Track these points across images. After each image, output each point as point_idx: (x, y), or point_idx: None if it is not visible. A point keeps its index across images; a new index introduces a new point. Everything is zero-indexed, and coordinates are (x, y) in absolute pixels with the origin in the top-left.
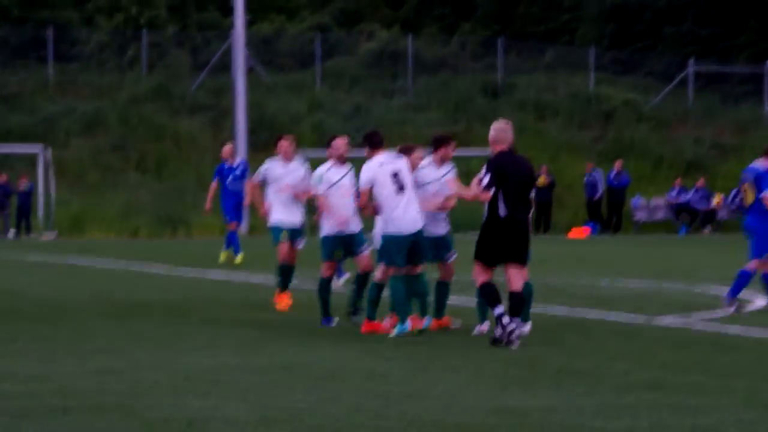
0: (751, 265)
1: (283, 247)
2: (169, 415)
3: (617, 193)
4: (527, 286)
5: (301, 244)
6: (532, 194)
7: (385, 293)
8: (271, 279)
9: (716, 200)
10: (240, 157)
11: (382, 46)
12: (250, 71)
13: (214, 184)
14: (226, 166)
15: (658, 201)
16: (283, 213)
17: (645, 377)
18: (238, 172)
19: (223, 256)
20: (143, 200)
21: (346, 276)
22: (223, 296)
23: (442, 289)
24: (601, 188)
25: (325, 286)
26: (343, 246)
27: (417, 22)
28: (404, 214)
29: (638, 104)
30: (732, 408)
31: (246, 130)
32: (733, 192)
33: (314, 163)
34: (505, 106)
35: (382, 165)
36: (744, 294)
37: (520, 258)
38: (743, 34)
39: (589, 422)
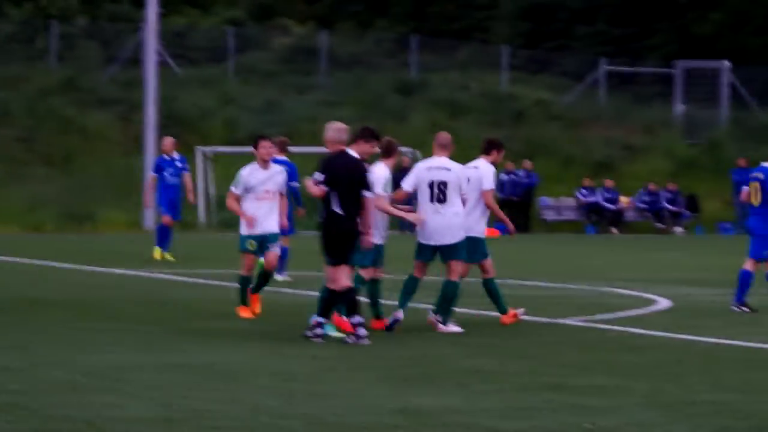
0: (748, 264)
1: (248, 258)
2: (69, 414)
3: (527, 192)
4: (452, 285)
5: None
6: (369, 194)
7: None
8: (180, 277)
9: (625, 201)
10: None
11: (296, 41)
12: (161, 65)
13: (152, 178)
14: (166, 160)
15: (567, 201)
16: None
17: (547, 377)
18: (177, 166)
19: (157, 253)
20: (49, 194)
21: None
22: (128, 294)
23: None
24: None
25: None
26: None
27: (331, 18)
28: None
29: (550, 103)
30: (633, 409)
31: (156, 125)
32: (641, 192)
33: (225, 159)
34: (418, 104)
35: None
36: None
37: (348, 260)
38: (655, 34)
39: (491, 422)
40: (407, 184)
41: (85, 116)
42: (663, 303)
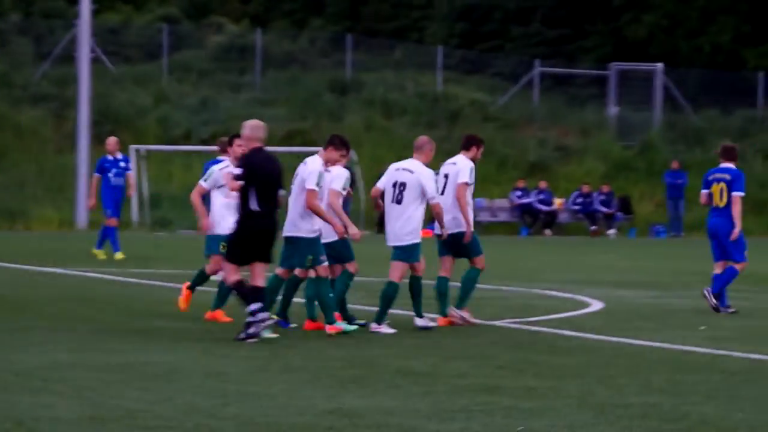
0: (717, 269)
1: (215, 259)
2: None
3: None
4: (392, 286)
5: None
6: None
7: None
8: (114, 276)
9: (558, 202)
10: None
11: (231, 39)
12: (95, 62)
13: (96, 179)
14: (110, 160)
15: (501, 202)
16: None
17: (480, 379)
18: (120, 167)
19: (101, 254)
20: None
21: None
22: (61, 292)
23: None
24: None
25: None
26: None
27: (266, 17)
28: None
29: (485, 104)
30: (564, 410)
31: (89, 122)
32: (574, 194)
33: (158, 158)
34: (353, 104)
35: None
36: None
37: (267, 257)
38: (589, 36)
39: (423, 424)
40: (380, 183)
41: (17, 113)
42: (595, 305)
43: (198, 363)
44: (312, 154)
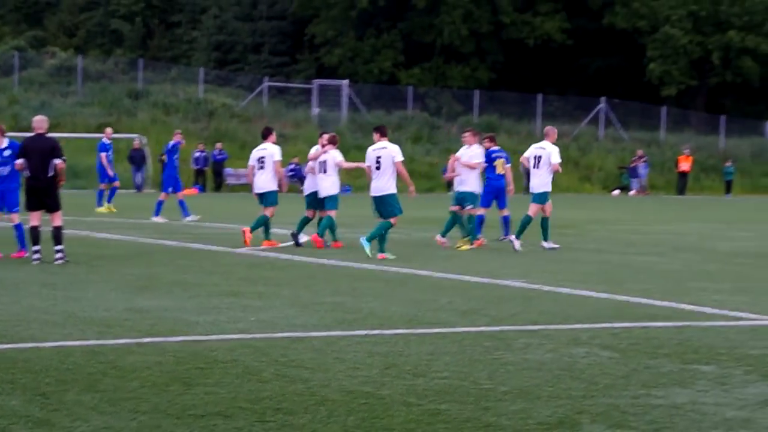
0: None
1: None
2: None
3: (218, 165)
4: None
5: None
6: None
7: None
8: None
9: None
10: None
11: (61, 62)
12: None
13: None
14: None
15: (244, 170)
16: None
17: (228, 287)
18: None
19: None
20: None
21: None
22: None
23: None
24: (208, 162)
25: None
26: None
27: (85, 47)
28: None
29: (232, 106)
30: (281, 307)
31: None
32: (290, 165)
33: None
34: (143, 105)
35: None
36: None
37: (50, 206)
38: (300, 62)
39: (189, 316)
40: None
41: None
42: (303, 238)
43: (37, 277)
44: (117, 140)
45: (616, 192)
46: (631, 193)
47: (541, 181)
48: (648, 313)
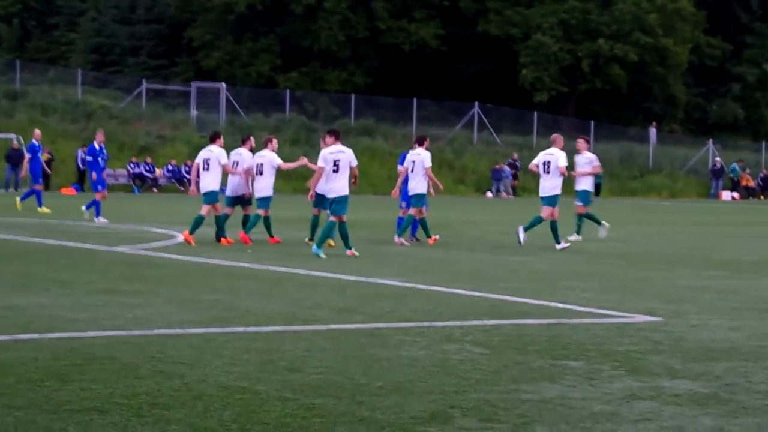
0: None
1: None
2: None
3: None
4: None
5: None
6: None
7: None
8: None
9: (158, 172)
10: None
11: None
12: None
13: None
14: None
15: (121, 171)
16: None
17: (105, 285)
18: None
19: None
20: None
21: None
22: None
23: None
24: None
25: None
26: None
27: None
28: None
29: (110, 108)
30: (159, 305)
31: None
32: (167, 166)
33: None
34: (21, 107)
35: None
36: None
37: None
38: (179, 65)
39: (65, 314)
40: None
41: None
42: (180, 238)
43: None
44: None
45: (489, 194)
46: (504, 195)
47: (552, 185)
48: (519, 311)
